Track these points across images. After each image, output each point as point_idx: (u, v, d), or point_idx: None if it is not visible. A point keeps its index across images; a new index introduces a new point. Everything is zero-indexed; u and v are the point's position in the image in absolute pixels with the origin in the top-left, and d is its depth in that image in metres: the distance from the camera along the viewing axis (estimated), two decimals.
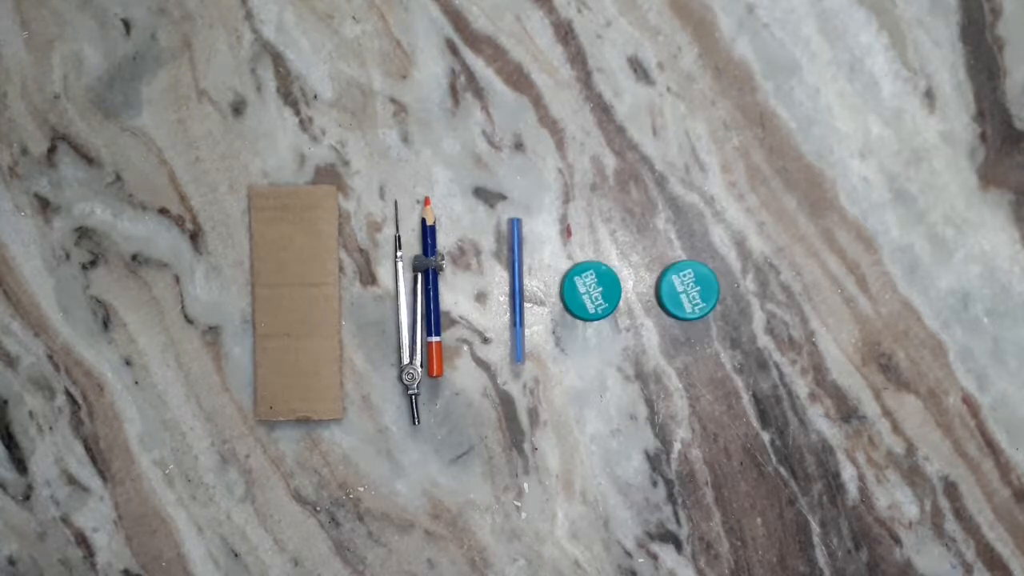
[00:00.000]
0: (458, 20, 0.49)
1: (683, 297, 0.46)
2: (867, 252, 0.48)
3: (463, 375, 0.50)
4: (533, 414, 0.49)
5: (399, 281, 0.49)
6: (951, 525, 0.48)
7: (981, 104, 0.48)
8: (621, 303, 0.49)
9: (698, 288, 0.46)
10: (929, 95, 0.48)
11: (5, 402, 0.50)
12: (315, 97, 0.50)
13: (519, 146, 0.49)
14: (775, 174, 0.49)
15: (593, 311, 0.47)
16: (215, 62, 0.50)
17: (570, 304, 0.47)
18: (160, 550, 0.50)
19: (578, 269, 0.47)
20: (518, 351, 0.49)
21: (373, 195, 0.50)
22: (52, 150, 0.50)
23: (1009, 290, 0.48)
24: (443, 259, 0.49)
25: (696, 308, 0.46)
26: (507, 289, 0.49)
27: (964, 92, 0.48)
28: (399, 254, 0.49)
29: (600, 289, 0.47)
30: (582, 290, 0.47)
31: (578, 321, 0.49)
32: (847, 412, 0.49)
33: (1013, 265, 0.48)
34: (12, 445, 0.50)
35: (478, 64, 0.49)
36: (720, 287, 0.48)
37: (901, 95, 0.48)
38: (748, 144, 0.49)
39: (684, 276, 0.46)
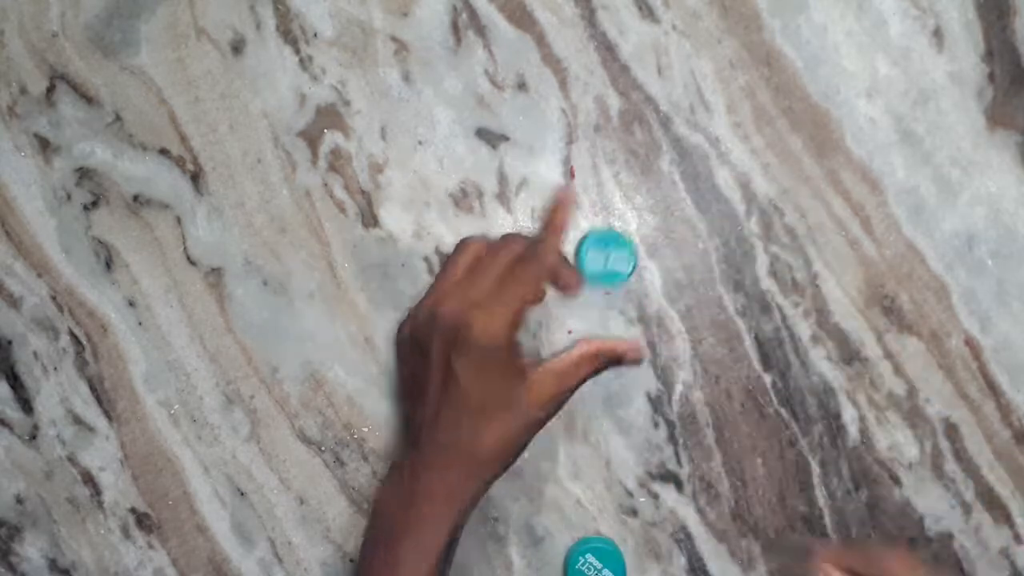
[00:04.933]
0: None
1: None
2: (872, 194, 0.48)
3: None
4: (536, 356, 0.49)
5: None
6: (951, 466, 0.49)
7: (990, 44, 0.48)
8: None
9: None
10: (937, 34, 0.48)
11: (10, 343, 0.51)
12: (315, 35, 0.49)
13: (522, 86, 0.49)
14: (781, 114, 0.48)
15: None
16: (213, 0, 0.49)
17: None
18: (166, 489, 0.51)
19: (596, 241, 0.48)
20: None
21: (374, 136, 0.49)
22: (51, 89, 0.50)
23: (1014, 232, 0.48)
24: None
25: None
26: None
27: (973, 31, 0.48)
28: None
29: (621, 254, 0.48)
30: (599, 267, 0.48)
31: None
32: (849, 354, 0.49)
33: (1019, 207, 0.48)
34: (17, 385, 0.51)
35: (480, 1, 0.48)
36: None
37: (909, 34, 0.48)
38: (754, 84, 0.48)
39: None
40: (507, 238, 0.44)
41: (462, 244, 0.44)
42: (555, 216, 0.41)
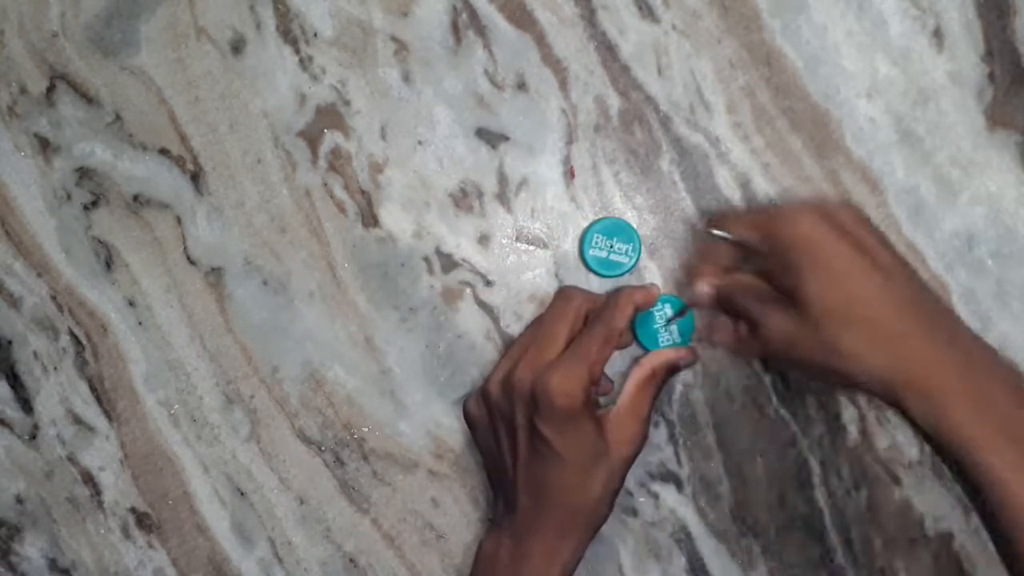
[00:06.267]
0: None
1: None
2: (872, 194, 0.48)
3: (466, 318, 0.50)
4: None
5: None
6: None
7: (990, 44, 0.48)
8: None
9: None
10: (938, 34, 0.48)
11: (9, 343, 0.51)
12: (315, 35, 0.49)
13: (522, 86, 0.49)
14: (781, 114, 0.48)
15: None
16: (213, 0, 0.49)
17: (594, 265, 0.49)
18: (166, 489, 0.51)
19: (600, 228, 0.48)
20: None
21: (374, 135, 0.49)
22: (51, 89, 0.50)
23: (1014, 232, 0.48)
24: None
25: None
26: (510, 233, 0.49)
27: (973, 31, 0.48)
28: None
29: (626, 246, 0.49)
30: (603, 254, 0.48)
31: (580, 264, 0.49)
32: None
33: (1019, 207, 0.48)
34: (17, 385, 0.51)
35: (480, 1, 0.48)
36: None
37: (909, 34, 0.48)
38: (754, 84, 0.48)
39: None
40: (564, 298, 0.45)
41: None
42: (639, 295, 0.44)
